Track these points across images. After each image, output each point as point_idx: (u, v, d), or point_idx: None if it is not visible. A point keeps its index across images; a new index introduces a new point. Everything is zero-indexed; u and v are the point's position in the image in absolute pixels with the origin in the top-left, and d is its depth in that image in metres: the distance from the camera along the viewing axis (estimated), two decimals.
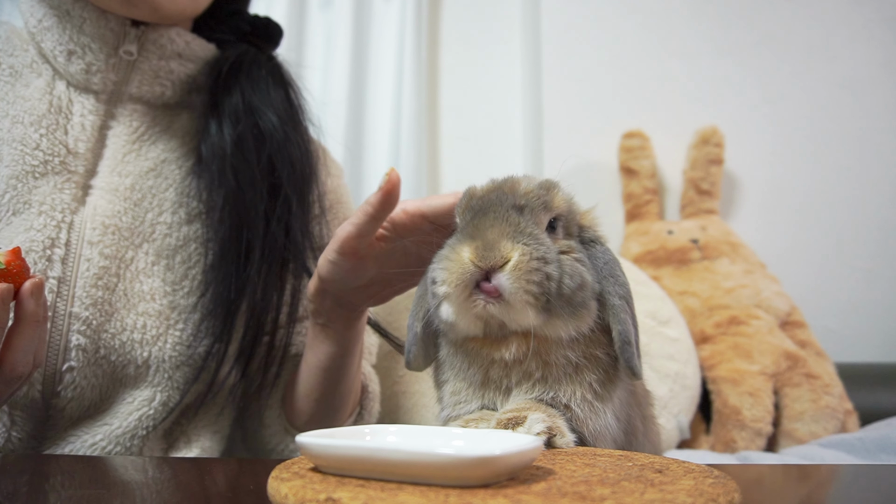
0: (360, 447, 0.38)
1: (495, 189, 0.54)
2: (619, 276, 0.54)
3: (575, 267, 0.51)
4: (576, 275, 0.51)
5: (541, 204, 0.52)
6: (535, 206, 0.52)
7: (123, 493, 0.48)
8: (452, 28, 2.21)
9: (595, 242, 0.57)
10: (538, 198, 0.53)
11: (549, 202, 0.53)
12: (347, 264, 0.65)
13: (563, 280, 0.50)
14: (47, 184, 0.78)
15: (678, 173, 1.93)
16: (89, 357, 0.75)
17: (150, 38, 0.83)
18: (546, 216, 0.53)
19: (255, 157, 0.84)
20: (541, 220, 0.52)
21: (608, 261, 0.55)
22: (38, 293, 0.58)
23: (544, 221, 0.53)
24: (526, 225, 0.51)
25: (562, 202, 0.54)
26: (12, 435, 0.74)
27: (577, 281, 0.50)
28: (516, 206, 0.52)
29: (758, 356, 1.45)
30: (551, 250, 0.50)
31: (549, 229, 0.53)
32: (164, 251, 0.81)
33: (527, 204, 0.52)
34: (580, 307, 0.51)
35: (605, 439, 0.54)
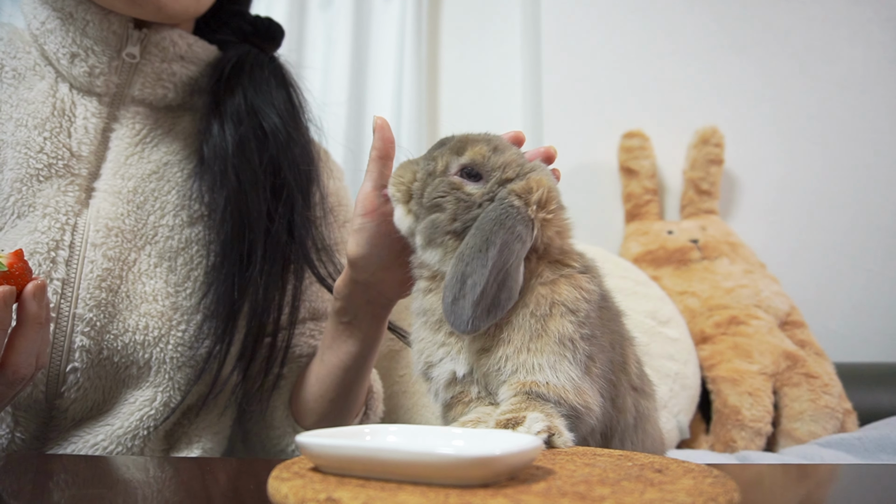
0: (360, 447, 0.38)
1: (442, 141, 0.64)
2: (485, 233, 0.53)
3: (439, 191, 0.57)
4: (434, 195, 0.57)
5: (452, 147, 0.60)
6: (447, 148, 0.60)
7: (125, 492, 0.49)
8: (452, 28, 2.21)
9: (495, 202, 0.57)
10: (454, 143, 0.60)
11: (460, 148, 0.59)
12: (373, 226, 0.66)
13: (423, 191, 0.58)
14: (51, 187, 0.78)
15: (678, 173, 1.94)
16: (92, 358, 0.75)
17: (153, 40, 0.83)
18: (453, 157, 0.59)
19: (258, 157, 0.84)
20: (445, 156, 0.59)
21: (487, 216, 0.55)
22: (40, 295, 0.58)
23: (449, 159, 0.59)
24: (432, 153, 0.61)
25: (475, 155, 0.59)
26: (16, 436, 0.74)
27: (432, 200, 0.57)
28: (440, 144, 0.62)
29: (757, 356, 1.45)
30: (428, 169, 0.59)
31: (466, 175, 0.59)
32: (167, 253, 0.81)
33: (444, 143, 0.61)
34: (432, 229, 0.57)
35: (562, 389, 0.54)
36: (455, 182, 0.58)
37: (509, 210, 0.55)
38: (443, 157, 0.60)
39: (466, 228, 0.56)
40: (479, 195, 0.57)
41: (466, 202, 0.57)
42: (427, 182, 0.59)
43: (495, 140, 0.61)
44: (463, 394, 0.59)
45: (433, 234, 0.57)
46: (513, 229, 0.54)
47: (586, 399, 0.54)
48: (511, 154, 0.60)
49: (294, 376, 0.88)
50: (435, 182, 0.58)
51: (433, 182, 0.59)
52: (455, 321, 0.52)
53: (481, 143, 0.59)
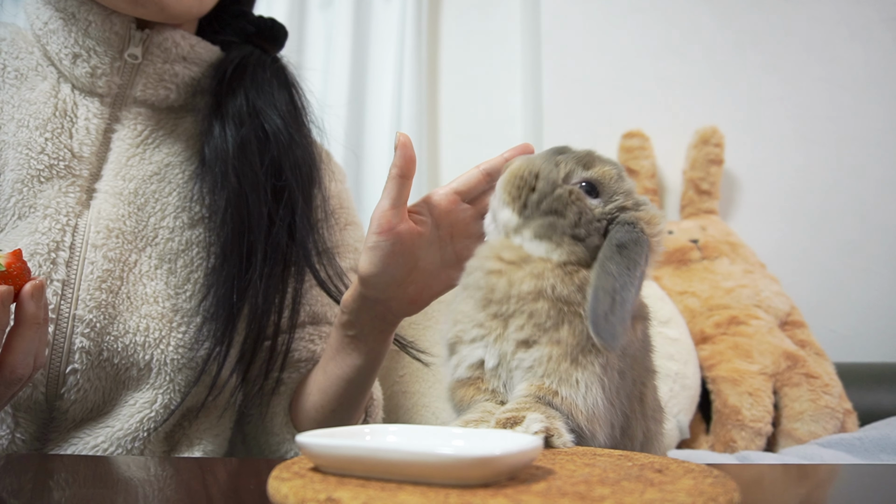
0: (360, 447, 0.38)
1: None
2: (634, 257, 0.54)
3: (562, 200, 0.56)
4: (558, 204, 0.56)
5: (578, 158, 0.59)
6: (569, 158, 0.59)
7: (125, 492, 0.49)
8: (452, 28, 2.21)
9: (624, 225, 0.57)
10: (581, 154, 0.60)
11: (588, 162, 0.59)
12: (388, 245, 0.65)
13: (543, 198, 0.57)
14: (52, 188, 0.78)
15: (678, 173, 1.94)
16: (92, 359, 0.75)
17: (155, 41, 0.83)
18: (578, 168, 0.58)
19: (259, 159, 0.84)
20: (568, 165, 0.58)
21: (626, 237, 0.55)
22: (38, 295, 0.57)
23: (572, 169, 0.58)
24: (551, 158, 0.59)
25: (603, 175, 0.58)
26: (16, 437, 0.74)
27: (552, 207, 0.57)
28: (557, 150, 0.61)
29: (757, 356, 1.45)
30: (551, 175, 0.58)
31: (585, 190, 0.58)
32: (167, 255, 0.81)
33: (564, 151, 0.60)
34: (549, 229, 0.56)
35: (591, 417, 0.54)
36: (576, 192, 0.57)
37: (642, 236, 0.56)
38: (566, 164, 0.59)
39: (590, 237, 0.56)
40: (599, 212, 0.57)
41: (588, 214, 0.57)
42: (548, 187, 0.58)
43: (619, 166, 0.61)
44: (480, 380, 0.58)
45: (549, 232, 0.56)
46: (648, 255, 0.55)
47: (595, 428, 0.54)
48: (629, 184, 0.60)
49: (294, 383, 0.87)
50: (558, 191, 0.57)
51: (554, 189, 0.57)
52: (606, 336, 0.52)
53: (608, 164, 0.60)
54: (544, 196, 0.57)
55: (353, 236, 0.98)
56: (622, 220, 0.57)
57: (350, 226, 0.98)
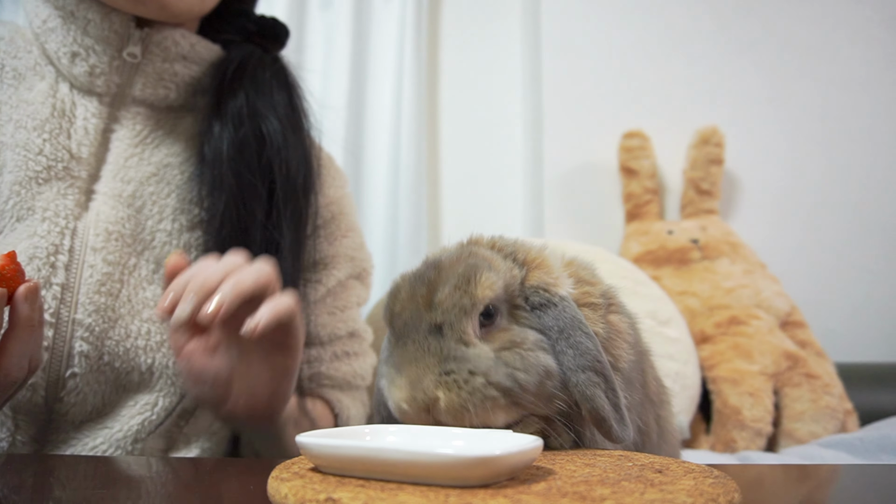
0: (360, 447, 0.38)
1: (412, 302, 0.49)
2: (582, 343, 0.47)
3: (526, 358, 0.47)
4: (530, 368, 0.47)
5: (459, 311, 0.47)
6: (452, 319, 0.47)
7: (125, 492, 0.49)
8: (452, 28, 2.21)
9: (545, 307, 0.49)
10: (454, 305, 0.47)
11: (467, 304, 0.47)
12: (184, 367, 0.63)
13: (517, 380, 0.46)
14: (51, 189, 0.77)
15: (678, 173, 1.94)
16: (92, 363, 0.75)
17: (154, 40, 0.83)
18: (470, 319, 0.47)
19: (257, 160, 0.84)
20: (464, 327, 0.47)
21: (563, 328, 0.48)
22: (32, 298, 0.57)
23: (470, 325, 0.47)
24: (447, 348, 0.47)
25: (487, 289, 0.47)
26: (17, 439, 0.74)
27: (534, 373, 0.47)
28: (432, 328, 0.47)
29: (758, 356, 1.45)
30: (483, 361, 0.46)
31: (486, 322, 0.48)
32: (164, 259, 0.81)
33: (444, 320, 0.47)
34: (554, 397, 0.48)
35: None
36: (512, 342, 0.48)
37: (567, 304, 0.49)
38: (464, 333, 0.47)
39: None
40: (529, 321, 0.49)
41: (544, 342, 0.48)
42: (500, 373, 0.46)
43: (473, 262, 0.49)
44: None
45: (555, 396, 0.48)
46: (583, 320, 0.49)
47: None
48: (492, 256, 0.51)
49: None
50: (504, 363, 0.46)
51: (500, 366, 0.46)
52: (628, 436, 0.47)
53: (477, 275, 0.48)
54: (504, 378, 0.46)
55: (352, 245, 0.97)
56: (536, 304, 0.49)
57: (351, 232, 0.98)
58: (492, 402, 0.46)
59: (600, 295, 0.54)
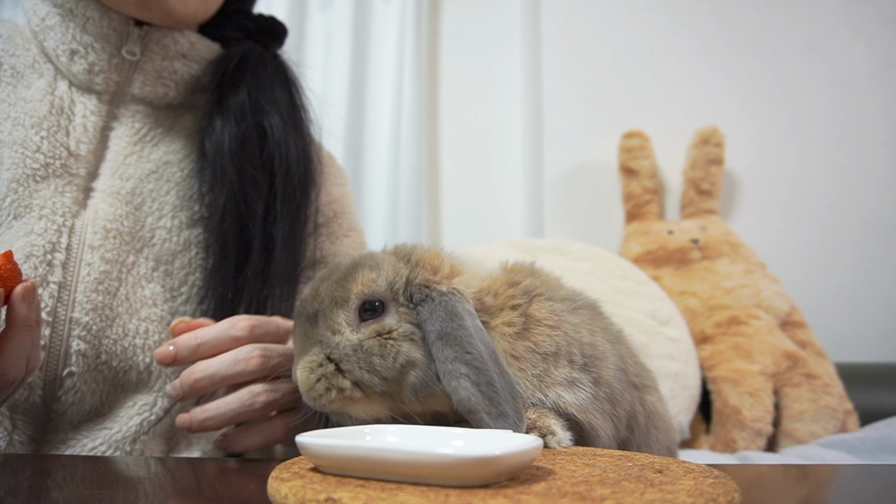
0: (360, 447, 0.38)
1: (308, 293, 0.54)
2: (452, 334, 0.49)
3: (386, 346, 0.50)
4: (387, 354, 0.49)
5: (331, 302, 0.52)
6: (326, 308, 0.52)
7: (124, 492, 0.48)
8: (452, 28, 2.21)
9: (424, 302, 0.51)
10: (329, 297, 0.52)
11: (341, 296, 0.51)
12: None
13: (373, 366, 0.49)
14: (48, 187, 0.77)
15: (678, 173, 1.94)
16: (90, 363, 0.74)
17: (153, 38, 0.83)
18: (343, 310, 0.51)
19: (259, 156, 0.84)
20: (336, 318, 0.51)
21: (434, 321, 0.50)
22: (29, 297, 0.56)
23: (343, 316, 0.51)
24: (317, 333, 0.51)
25: (362, 284, 0.51)
26: (14, 439, 0.74)
27: (391, 360, 0.49)
28: (310, 316, 0.52)
29: (758, 356, 1.45)
30: (341, 348, 0.50)
31: (368, 315, 0.51)
32: (164, 256, 0.80)
33: (319, 309, 0.52)
34: (420, 389, 0.50)
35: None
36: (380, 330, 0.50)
37: (446, 299, 0.51)
38: (333, 323, 0.51)
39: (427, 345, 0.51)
40: (408, 317, 0.51)
41: (416, 335, 0.51)
42: (354, 358, 0.50)
43: (358, 260, 0.54)
44: None
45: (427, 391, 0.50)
46: (465, 311, 0.51)
47: (591, 419, 0.53)
48: (384, 257, 0.55)
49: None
50: (364, 350, 0.50)
51: (360, 352, 0.50)
52: (512, 425, 0.48)
53: (356, 273, 0.52)
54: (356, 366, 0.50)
55: (353, 244, 0.97)
56: (418, 299, 0.52)
57: (352, 231, 0.98)
58: (339, 392, 0.50)
59: (522, 293, 0.55)
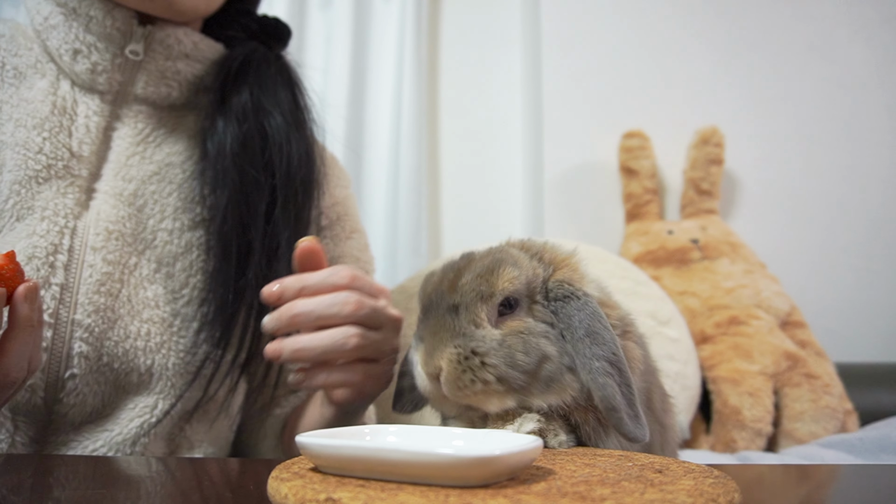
0: (360, 447, 0.38)
1: (438, 286, 0.55)
2: (600, 334, 0.50)
3: (528, 343, 0.50)
4: (530, 351, 0.50)
5: (476, 296, 0.52)
6: (469, 302, 0.52)
7: (125, 491, 0.48)
8: (452, 28, 2.21)
9: (568, 299, 0.53)
10: (473, 290, 0.52)
11: (486, 291, 0.52)
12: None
13: (516, 361, 0.50)
14: (50, 188, 0.77)
15: (678, 173, 1.94)
16: (92, 364, 0.74)
17: (157, 38, 0.82)
18: (487, 305, 0.52)
19: (261, 157, 0.84)
20: (479, 312, 0.52)
21: (582, 319, 0.51)
22: (32, 297, 0.56)
23: (485, 311, 0.52)
24: (460, 325, 0.52)
25: (507, 282, 0.52)
26: (16, 440, 0.74)
27: (534, 356, 0.50)
28: (451, 307, 0.53)
29: (758, 356, 1.45)
30: (487, 342, 0.50)
31: (505, 311, 0.52)
32: (165, 258, 0.80)
33: (461, 301, 0.52)
34: (551, 381, 0.51)
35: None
36: (520, 327, 0.51)
37: (590, 300, 0.52)
38: (477, 317, 0.51)
39: (569, 354, 0.51)
40: (542, 315, 0.52)
41: (550, 333, 0.51)
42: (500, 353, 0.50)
43: (498, 256, 0.54)
44: None
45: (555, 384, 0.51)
46: (603, 316, 0.52)
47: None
48: (520, 254, 0.55)
49: (289, 407, 0.87)
50: (508, 346, 0.50)
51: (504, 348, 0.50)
52: (641, 433, 0.49)
53: (500, 269, 0.52)
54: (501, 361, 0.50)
55: (357, 246, 0.97)
56: (559, 296, 0.52)
57: (355, 233, 0.97)
58: (483, 385, 0.50)
59: (618, 319, 0.56)
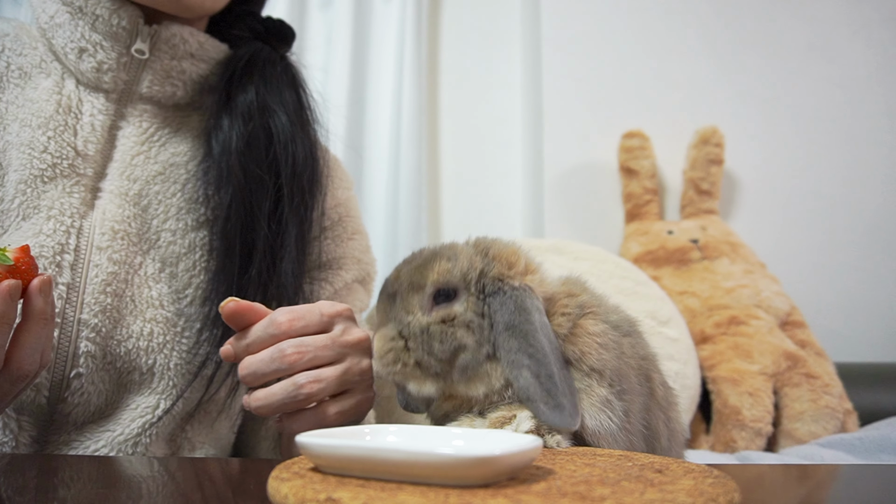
0: (360, 447, 0.38)
1: (388, 277, 0.60)
2: (518, 327, 0.53)
3: (447, 333, 0.54)
4: (447, 340, 0.53)
5: (409, 286, 0.56)
6: (404, 291, 0.56)
7: (127, 490, 0.49)
8: (452, 28, 2.21)
9: (496, 294, 0.55)
10: (407, 281, 0.57)
11: (418, 281, 0.56)
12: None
13: (432, 349, 0.54)
14: (56, 188, 0.77)
15: (678, 173, 1.94)
16: (97, 364, 0.74)
17: (163, 37, 0.82)
18: (418, 294, 0.56)
19: (265, 156, 0.84)
20: (411, 300, 0.56)
21: (504, 314, 0.54)
22: (46, 290, 0.57)
23: (417, 300, 0.56)
24: (394, 311, 0.57)
25: (438, 274, 0.55)
26: (20, 440, 0.74)
27: (449, 346, 0.53)
28: (390, 295, 0.58)
29: (758, 356, 1.45)
30: (411, 328, 0.55)
31: (442, 300, 0.55)
32: (169, 258, 0.80)
33: (398, 290, 0.57)
34: (468, 371, 0.54)
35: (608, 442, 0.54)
36: (445, 316, 0.54)
37: (517, 294, 0.54)
38: (408, 304, 0.56)
39: (493, 344, 0.54)
40: (474, 306, 0.55)
41: (473, 324, 0.54)
42: (419, 339, 0.54)
43: (438, 250, 0.58)
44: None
45: (471, 373, 0.54)
46: (533, 307, 0.54)
47: (601, 444, 0.53)
48: (463, 248, 0.58)
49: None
50: (428, 333, 0.54)
51: (425, 335, 0.54)
52: (563, 422, 0.50)
53: (433, 262, 0.56)
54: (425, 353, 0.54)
55: (358, 247, 0.97)
56: (490, 291, 0.55)
57: (357, 234, 0.98)
58: (403, 367, 0.55)
59: (577, 306, 0.57)
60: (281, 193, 0.84)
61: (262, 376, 0.59)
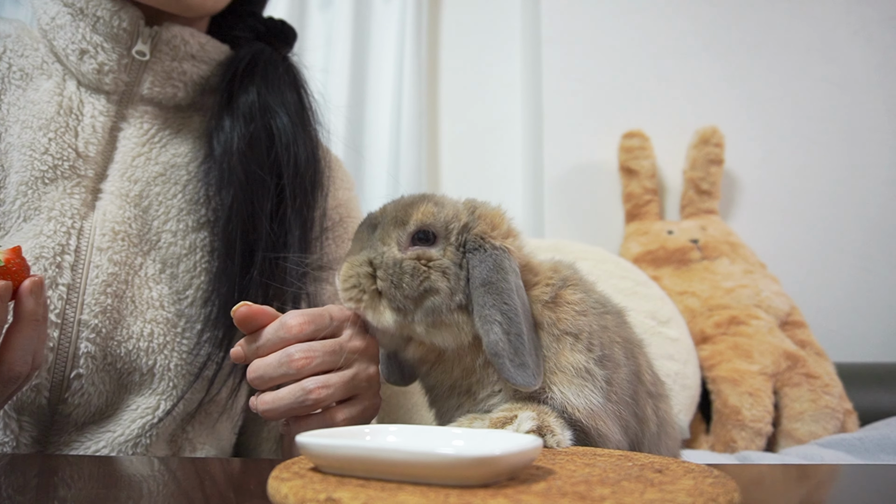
0: (360, 447, 0.38)
1: (371, 211, 0.61)
2: (495, 284, 0.54)
3: (419, 271, 0.55)
4: (418, 277, 0.55)
5: (392, 220, 0.57)
6: (386, 223, 0.58)
7: (128, 490, 0.49)
8: (452, 28, 2.21)
9: (476, 251, 0.56)
10: (391, 215, 0.58)
11: (402, 217, 0.57)
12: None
13: (402, 282, 0.55)
14: (56, 189, 0.77)
15: (678, 173, 1.94)
16: (97, 364, 0.74)
17: (164, 38, 0.82)
18: (398, 230, 0.57)
19: (267, 156, 0.84)
20: (389, 233, 0.57)
21: (482, 270, 0.55)
22: (38, 292, 0.57)
23: (395, 234, 0.57)
24: (371, 241, 0.58)
25: (422, 215, 0.57)
26: (20, 441, 0.74)
27: (419, 284, 0.54)
28: (371, 225, 0.59)
29: (758, 356, 1.45)
30: (384, 258, 0.56)
31: (420, 243, 0.56)
32: (169, 259, 0.80)
33: (380, 222, 0.58)
34: (434, 314, 0.55)
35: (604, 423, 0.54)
36: (421, 255, 0.55)
37: (497, 253, 0.55)
38: (387, 236, 0.56)
39: (467, 296, 0.55)
40: (452, 256, 0.55)
41: (450, 271, 0.55)
42: (390, 270, 0.55)
43: (428, 196, 0.59)
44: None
45: (437, 318, 0.55)
46: (510, 268, 0.55)
47: (599, 424, 0.54)
48: (452, 200, 0.60)
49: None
50: (401, 267, 0.55)
51: (397, 267, 0.55)
52: (525, 380, 0.51)
53: (420, 203, 0.57)
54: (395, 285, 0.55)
55: None
56: (471, 247, 0.56)
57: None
58: (361, 292, 0.56)
59: (561, 278, 0.59)
60: (283, 194, 0.84)
61: (269, 380, 0.59)
